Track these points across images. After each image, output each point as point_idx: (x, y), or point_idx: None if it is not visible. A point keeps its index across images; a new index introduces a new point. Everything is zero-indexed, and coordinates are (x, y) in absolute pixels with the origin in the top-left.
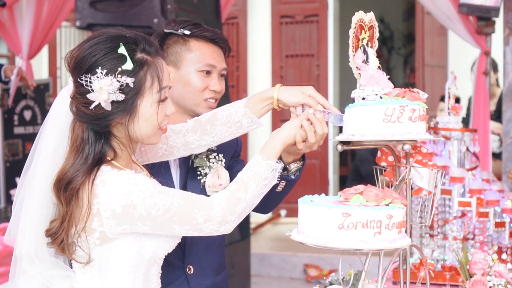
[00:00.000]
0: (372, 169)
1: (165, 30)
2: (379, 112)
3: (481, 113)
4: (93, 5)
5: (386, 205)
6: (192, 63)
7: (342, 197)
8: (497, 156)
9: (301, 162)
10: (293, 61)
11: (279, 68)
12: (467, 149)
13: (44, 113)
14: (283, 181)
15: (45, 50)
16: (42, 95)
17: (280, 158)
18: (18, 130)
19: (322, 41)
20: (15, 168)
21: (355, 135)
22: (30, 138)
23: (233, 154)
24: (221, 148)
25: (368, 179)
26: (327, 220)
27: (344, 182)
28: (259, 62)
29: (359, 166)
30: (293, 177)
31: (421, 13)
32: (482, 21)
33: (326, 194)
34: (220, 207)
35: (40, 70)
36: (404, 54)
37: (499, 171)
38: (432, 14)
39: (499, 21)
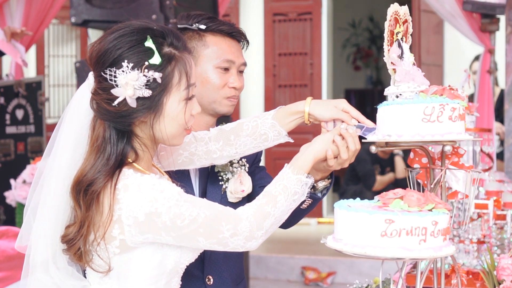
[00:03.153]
0: (369, 169)
1: (179, 26)
2: (418, 111)
3: (485, 112)
4: (89, 1)
5: (429, 210)
6: (209, 60)
7: (380, 201)
8: (496, 156)
9: (329, 180)
10: (286, 60)
11: (272, 67)
12: (481, 150)
13: (36, 112)
14: (309, 199)
15: (32, 49)
16: (34, 94)
17: None
18: (10, 129)
19: (316, 39)
20: (7, 169)
21: (391, 136)
22: (22, 138)
23: (254, 160)
24: None
25: (365, 179)
26: (368, 227)
27: (336, 183)
28: (251, 61)
29: (356, 166)
30: (319, 195)
31: (418, 11)
32: (486, 18)
33: None
34: (248, 221)
35: (27, 69)
36: None
37: (501, 171)
38: (435, 12)
39: (501, 19)
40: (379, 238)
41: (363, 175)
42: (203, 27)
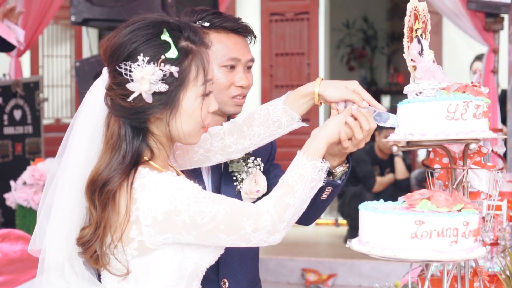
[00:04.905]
0: (369, 170)
1: None
2: (441, 108)
3: (490, 112)
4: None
5: (458, 210)
6: (214, 58)
7: (406, 203)
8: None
9: (347, 165)
10: (283, 60)
11: (269, 67)
12: (492, 150)
13: (34, 112)
14: (329, 187)
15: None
16: (32, 94)
17: None
18: (8, 130)
19: (313, 39)
20: (4, 171)
21: (414, 135)
22: (20, 139)
23: (269, 157)
24: (256, 151)
25: (365, 180)
26: (397, 229)
27: None
28: None
29: (355, 167)
30: (339, 181)
31: None
32: (490, 17)
33: None
34: (269, 215)
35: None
36: (387, 54)
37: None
38: (437, 11)
39: (504, 18)
40: (409, 240)
41: (363, 176)
42: (206, 24)
